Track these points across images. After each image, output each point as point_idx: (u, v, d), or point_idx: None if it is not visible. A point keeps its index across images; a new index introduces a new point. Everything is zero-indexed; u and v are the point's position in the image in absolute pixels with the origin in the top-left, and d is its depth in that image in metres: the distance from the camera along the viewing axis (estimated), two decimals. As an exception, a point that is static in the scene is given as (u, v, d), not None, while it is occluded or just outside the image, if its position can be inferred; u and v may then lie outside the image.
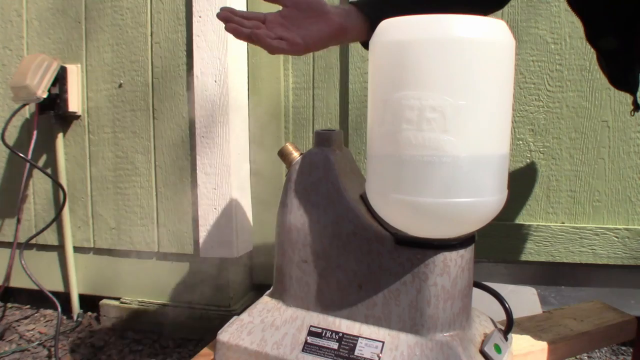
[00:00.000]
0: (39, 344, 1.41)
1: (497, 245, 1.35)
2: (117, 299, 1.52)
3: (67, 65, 1.46)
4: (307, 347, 0.78)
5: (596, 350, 1.32)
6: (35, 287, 1.48)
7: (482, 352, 0.74)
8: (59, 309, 1.41)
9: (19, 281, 1.57)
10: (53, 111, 1.45)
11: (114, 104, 1.47)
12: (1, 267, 1.56)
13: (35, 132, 1.46)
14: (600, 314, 0.99)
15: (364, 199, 0.80)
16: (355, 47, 1.37)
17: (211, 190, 1.38)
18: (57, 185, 1.51)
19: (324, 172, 0.81)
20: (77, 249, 1.54)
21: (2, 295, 1.55)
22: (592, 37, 0.88)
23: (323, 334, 0.79)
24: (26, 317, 1.59)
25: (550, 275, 1.39)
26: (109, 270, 1.52)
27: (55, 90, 1.44)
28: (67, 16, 1.48)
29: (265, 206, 1.46)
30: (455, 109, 0.63)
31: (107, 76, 1.46)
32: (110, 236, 1.51)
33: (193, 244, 1.42)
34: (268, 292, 0.91)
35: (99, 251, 1.53)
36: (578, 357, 1.30)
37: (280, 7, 0.74)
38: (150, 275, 1.48)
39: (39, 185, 1.55)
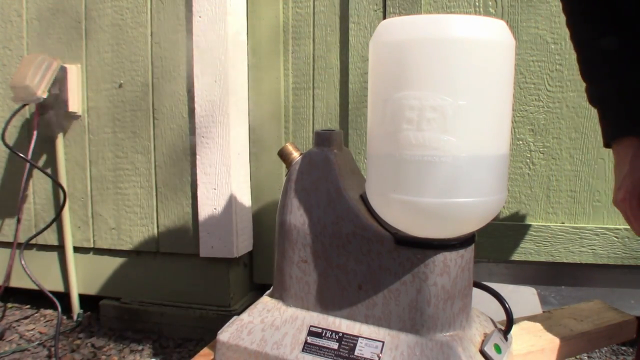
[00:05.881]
0: (39, 344, 1.41)
1: (497, 245, 1.34)
2: (117, 299, 1.52)
3: (67, 65, 1.46)
4: (307, 347, 0.78)
5: (596, 350, 1.32)
6: (35, 287, 1.48)
7: (482, 352, 0.74)
8: (59, 309, 1.41)
9: (19, 281, 1.57)
10: (53, 111, 1.45)
11: (114, 104, 1.46)
12: (1, 267, 1.56)
13: (35, 132, 1.45)
14: (600, 314, 0.99)
15: (364, 199, 0.80)
16: (355, 47, 1.37)
17: (211, 190, 1.37)
18: (57, 185, 1.51)
19: (324, 172, 0.81)
20: (77, 249, 1.54)
21: (2, 295, 1.55)
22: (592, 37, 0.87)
23: (323, 334, 0.79)
24: (26, 317, 1.59)
25: (550, 275, 1.39)
26: (109, 270, 1.52)
27: (55, 90, 1.44)
28: (67, 16, 1.48)
29: (265, 206, 1.46)
30: (455, 109, 0.63)
31: (107, 76, 1.46)
32: (110, 236, 1.51)
33: (193, 244, 1.42)
34: (268, 292, 0.91)
35: (99, 251, 1.53)
36: (578, 357, 1.30)
37: None
38: (150, 275, 1.48)
39: (39, 185, 1.55)
